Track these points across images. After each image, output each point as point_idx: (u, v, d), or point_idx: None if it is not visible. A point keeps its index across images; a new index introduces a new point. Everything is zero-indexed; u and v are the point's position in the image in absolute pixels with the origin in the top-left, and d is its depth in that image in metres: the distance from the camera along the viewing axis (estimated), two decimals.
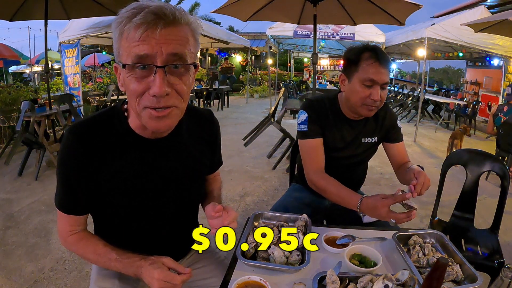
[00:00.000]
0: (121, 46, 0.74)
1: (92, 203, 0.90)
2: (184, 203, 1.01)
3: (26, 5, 4.18)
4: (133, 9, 0.71)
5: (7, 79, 10.99)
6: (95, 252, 0.90)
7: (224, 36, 8.07)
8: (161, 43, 0.71)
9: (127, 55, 0.72)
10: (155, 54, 0.71)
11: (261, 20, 4.50)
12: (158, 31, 0.70)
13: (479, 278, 0.85)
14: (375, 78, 1.24)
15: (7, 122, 4.57)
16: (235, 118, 7.99)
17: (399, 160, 1.46)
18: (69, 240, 0.92)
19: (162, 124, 0.78)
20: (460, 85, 11.14)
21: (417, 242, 1.04)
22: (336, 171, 1.40)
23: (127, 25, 0.71)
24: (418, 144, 5.79)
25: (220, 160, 1.16)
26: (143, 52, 0.70)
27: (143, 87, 0.73)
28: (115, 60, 0.79)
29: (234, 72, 15.45)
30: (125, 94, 0.80)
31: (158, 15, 0.70)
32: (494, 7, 7.25)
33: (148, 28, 0.70)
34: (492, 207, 1.73)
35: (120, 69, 0.76)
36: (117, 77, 0.81)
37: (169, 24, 0.71)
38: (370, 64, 1.24)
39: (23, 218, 2.79)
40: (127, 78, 0.74)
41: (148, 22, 0.69)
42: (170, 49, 0.72)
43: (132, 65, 0.72)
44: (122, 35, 0.72)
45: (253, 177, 3.88)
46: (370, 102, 1.27)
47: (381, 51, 1.27)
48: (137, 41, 0.70)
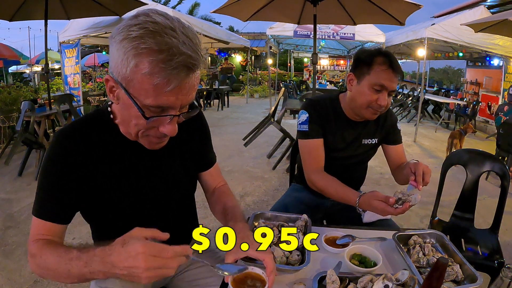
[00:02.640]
0: (134, 77, 0.67)
1: (83, 208, 0.88)
2: (179, 202, 1.01)
3: (26, 5, 4.19)
4: (160, 51, 0.64)
5: (7, 79, 11.00)
6: (54, 253, 0.74)
7: (224, 36, 8.07)
8: (186, 95, 0.71)
9: (144, 95, 0.68)
10: (177, 106, 0.72)
11: (261, 20, 4.51)
12: (187, 85, 0.70)
13: (479, 278, 0.85)
14: (385, 84, 1.23)
15: (7, 122, 4.57)
16: (235, 118, 7.99)
17: (397, 161, 1.46)
18: (32, 248, 0.78)
19: (158, 146, 0.82)
20: (460, 85, 11.14)
21: (417, 242, 1.04)
22: (336, 171, 1.40)
23: (150, 64, 0.65)
24: (418, 144, 5.79)
25: (213, 154, 1.12)
26: (167, 105, 0.70)
27: (152, 125, 0.75)
28: (113, 74, 0.71)
29: (234, 72, 15.45)
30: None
31: (190, 68, 0.68)
32: (494, 7, 7.25)
33: (179, 84, 0.68)
34: (492, 207, 1.73)
35: (120, 90, 0.72)
36: (107, 88, 0.75)
37: (195, 72, 0.70)
38: (384, 70, 1.23)
39: (23, 218, 2.79)
40: (136, 114, 0.72)
41: (181, 78, 0.67)
42: (190, 99, 0.73)
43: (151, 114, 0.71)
44: (140, 68, 0.66)
45: (253, 177, 3.88)
46: (376, 106, 1.27)
47: (395, 58, 1.26)
48: (165, 93, 0.68)
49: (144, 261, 0.62)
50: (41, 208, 0.83)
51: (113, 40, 0.69)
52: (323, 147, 1.39)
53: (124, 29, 0.67)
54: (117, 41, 0.68)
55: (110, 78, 0.73)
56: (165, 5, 14.18)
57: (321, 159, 1.37)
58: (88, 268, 0.67)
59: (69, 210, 0.85)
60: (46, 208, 0.83)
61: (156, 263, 0.63)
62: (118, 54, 0.67)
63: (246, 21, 4.30)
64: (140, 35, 0.65)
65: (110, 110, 0.87)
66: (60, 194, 0.82)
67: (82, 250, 0.70)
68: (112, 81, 0.73)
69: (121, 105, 0.76)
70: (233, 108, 9.70)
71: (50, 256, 0.74)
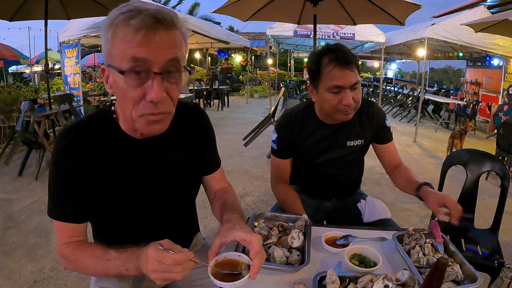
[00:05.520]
0: (113, 48, 0.71)
1: (89, 207, 0.88)
2: (180, 203, 1.01)
3: (26, 5, 4.19)
4: (130, 11, 0.69)
5: (7, 79, 11.00)
6: (92, 255, 0.82)
7: (224, 36, 8.07)
8: (160, 48, 0.70)
9: (122, 58, 0.70)
10: (154, 59, 0.70)
11: (261, 20, 4.50)
12: (158, 36, 0.69)
13: (479, 278, 0.85)
14: (339, 83, 1.18)
15: (7, 122, 4.58)
16: (235, 118, 7.99)
17: (391, 161, 1.43)
18: (66, 252, 0.85)
19: (156, 128, 0.79)
20: (460, 85, 11.15)
21: (414, 236, 1.04)
22: (328, 173, 1.42)
23: (123, 27, 0.69)
24: (418, 144, 5.79)
25: (217, 158, 1.11)
26: (142, 55, 0.69)
27: (139, 94, 0.73)
28: (104, 62, 0.76)
29: (234, 72, 15.44)
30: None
31: (157, 19, 0.69)
32: (494, 7, 7.25)
33: (148, 32, 0.68)
34: (492, 207, 1.73)
35: (110, 71, 0.74)
36: (104, 80, 0.78)
37: (167, 28, 0.71)
38: (332, 70, 1.18)
39: (23, 218, 2.79)
40: (122, 85, 0.72)
41: (148, 26, 0.68)
42: (169, 55, 0.72)
43: (129, 70, 0.70)
44: (116, 37, 0.70)
45: (253, 177, 3.88)
46: (342, 107, 1.21)
47: (340, 51, 1.18)
48: (136, 44, 0.68)
49: (151, 264, 0.70)
50: (58, 210, 0.85)
51: (103, 32, 0.73)
52: (289, 166, 1.44)
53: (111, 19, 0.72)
54: (105, 28, 0.72)
55: (103, 67, 0.77)
56: (165, 5, 14.17)
57: (285, 175, 1.45)
58: (125, 267, 0.77)
59: (83, 209, 0.87)
60: (64, 210, 0.85)
61: (160, 267, 0.70)
62: (103, 36, 0.73)
63: (246, 21, 4.30)
64: (116, 15, 0.71)
65: (112, 109, 0.88)
66: (72, 193, 0.83)
67: (120, 251, 0.79)
68: (105, 69, 0.76)
69: (114, 87, 0.76)
70: (233, 108, 9.70)
71: (86, 259, 0.83)
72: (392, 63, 17.02)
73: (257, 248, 0.75)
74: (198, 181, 1.07)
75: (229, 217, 0.88)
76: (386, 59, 14.18)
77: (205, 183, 1.10)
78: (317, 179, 1.48)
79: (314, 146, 1.37)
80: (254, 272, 0.73)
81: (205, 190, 1.12)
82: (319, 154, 1.39)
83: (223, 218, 0.90)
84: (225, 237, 0.80)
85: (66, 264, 0.87)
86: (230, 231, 0.81)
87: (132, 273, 0.77)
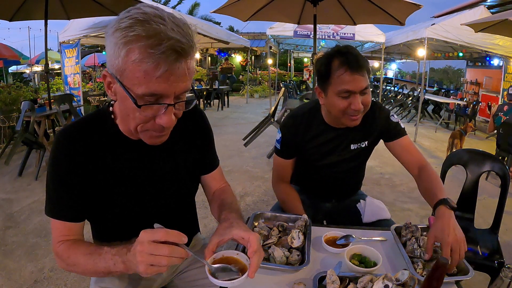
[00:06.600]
0: (126, 68, 0.68)
1: (88, 207, 0.88)
2: (180, 203, 1.01)
3: (26, 5, 4.19)
4: (149, 37, 0.65)
5: (7, 79, 11.01)
6: (85, 252, 0.81)
7: (224, 36, 8.07)
8: (177, 81, 0.70)
9: (136, 84, 0.69)
10: (170, 93, 0.71)
11: (261, 20, 4.51)
12: (177, 68, 0.69)
13: (471, 270, 0.89)
14: (350, 88, 1.15)
15: (7, 122, 4.57)
16: (235, 118, 7.99)
17: (411, 160, 1.32)
18: (59, 250, 0.84)
19: (159, 141, 0.81)
20: (460, 85, 11.16)
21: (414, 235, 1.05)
22: (330, 176, 1.42)
23: (140, 54, 0.66)
24: (418, 144, 5.79)
25: (215, 157, 1.11)
26: (160, 91, 0.69)
27: (149, 118, 0.74)
28: (109, 69, 0.73)
29: (234, 72, 15.44)
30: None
31: (179, 53, 0.67)
32: (494, 7, 7.25)
33: (169, 68, 0.67)
34: (492, 207, 1.73)
35: (116, 82, 0.72)
36: (105, 84, 0.77)
37: (186, 59, 0.70)
38: (342, 74, 1.14)
39: (23, 218, 2.79)
40: (132, 106, 0.71)
41: (170, 62, 0.67)
42: (185, 87, 0.73)
43: (143, 104, 0.70)
44: (131, 58, 0.67)
45: (253, 177, 3.88)
46: (351, 112, 1.19)
47: (352, 54, 1.15)
48: (155, 79, 0.67)
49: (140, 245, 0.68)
50: (56, 208, 0.85)
51: (107, 35, 0.71)
52: (292, 166, 1.43)
53: (116, 22, 0.69)
54: (110, 34, 0.70)
55: (107, 74, 0.74)
56: (165, 5, 14.18)
57: (287, 175, 1.45)
58: (113, 261, 0.74)
59: (81, 208, 0.87)
60: (61, 208, 0.85)
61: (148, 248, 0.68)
62: (111, 46, 0.69)
63: (246, 21, 4.30)
64: (129, 25, 0.66)
65: (111, 110, 0.88)
66: (71, 192, 0.83)
67: (113, 246, 0.77)
68: (109, 76, 0.74)
69: (119, 99, 0.76)
70: (233, 108, 9.70)
71: (78, 255, 0.81)
72: (392, 63, 17.02)
73: (256, 246, 0.75)
74: (197, 180, 1.08)
75: (227, 216, 0.88)
76: (386, 59, 14.18)
77: (203, 182, 1.10)
78: (318, 180, 1.48)
79: (318, 149, 1.37)
80: (253, 270, 0.72)
81: (203, 190, 1.12)
82: (322, 157, 1.38)
83: (221, 217, 0.91)
84: (222, 235, 0.80)
85: (59, 262, 0.86)
86: (228, 230, 0.81)
87: (118, 269, 0.74)
